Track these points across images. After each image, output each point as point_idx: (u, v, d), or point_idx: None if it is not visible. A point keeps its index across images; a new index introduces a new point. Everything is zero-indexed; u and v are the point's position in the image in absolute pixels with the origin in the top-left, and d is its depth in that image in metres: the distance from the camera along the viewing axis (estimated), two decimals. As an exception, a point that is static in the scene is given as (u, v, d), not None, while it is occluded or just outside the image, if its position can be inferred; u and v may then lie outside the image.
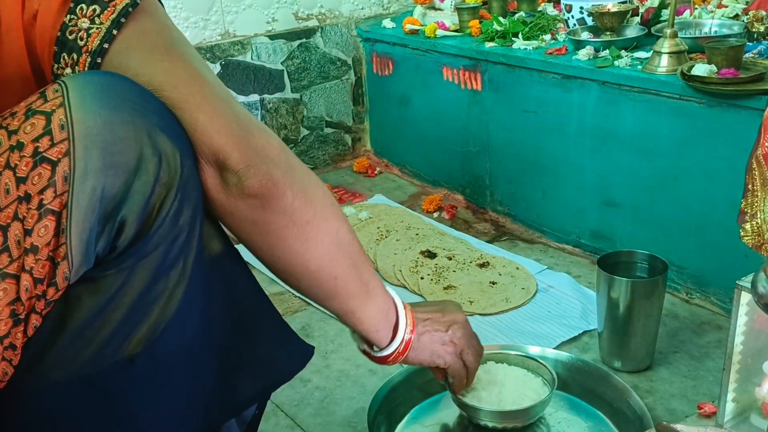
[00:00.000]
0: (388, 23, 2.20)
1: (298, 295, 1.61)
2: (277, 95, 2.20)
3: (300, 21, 2.22)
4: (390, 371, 1.33)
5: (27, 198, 0.67)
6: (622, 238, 1.61)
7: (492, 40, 1.84)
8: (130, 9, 0.75)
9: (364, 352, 0.96)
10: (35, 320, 0.70)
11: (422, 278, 1.62)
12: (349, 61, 2.32)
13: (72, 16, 0.73)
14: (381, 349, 0.94)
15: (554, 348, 1.34)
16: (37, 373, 0.71)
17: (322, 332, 1.49)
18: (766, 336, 0.97)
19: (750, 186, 0.90)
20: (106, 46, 0.74)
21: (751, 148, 1.31)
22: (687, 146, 1.42)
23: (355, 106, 2.37)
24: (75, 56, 0.74)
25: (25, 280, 0.67)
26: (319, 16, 2.25)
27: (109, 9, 0.74)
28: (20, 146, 0.67)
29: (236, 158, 0.75)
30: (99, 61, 0.74)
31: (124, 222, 0.69)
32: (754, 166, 0.92)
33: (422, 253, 1.71)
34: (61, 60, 0.74)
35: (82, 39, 0.73)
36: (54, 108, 0.68)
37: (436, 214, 1.97)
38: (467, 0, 2.07)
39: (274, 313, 0.88)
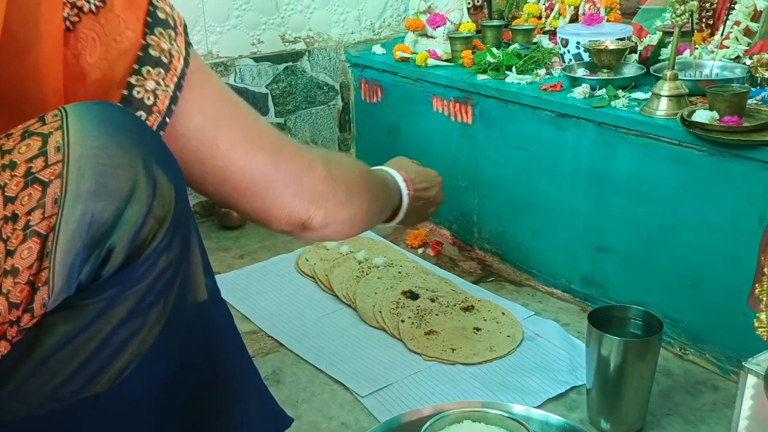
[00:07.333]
0: (378, 49, 2.12)
1: (271, 335, 1.55)
2: (261, 119, 2.12)
3: (287, 44, 2.15)
4: (364, 426, 1.26)
5: (14, 218, 0.64)
6: (614, 285, 1.53)
7: (485, 72, 1.77)
8: (186, 70, 0.77)
9: None
10: (3, 347, 0.65)
11: (403, 321, 1.54)
12: (337, 87, 2.25)
13: (138, 77, 0.74)
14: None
15: (540, 405, 1.25)
16: None
17: (294, 378, 1.40)
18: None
19: (766, 270, 0.82)
20: (173, 107, 0.76)
21: (755, 201, 1.25)
22: (685, 194, 1.35)
23: (341, 132, 2.30)
24: (144, 115, 0.74)
25: (0, 304, 0.63)
26: (307, 40, 2.18)
27: (171, 71, 0.76)
28: (12, 165, 0.65)
29: (298, 219, 0.88)
30: (167, 121, 0.76)
31: (111, 250, 0.66)
32: (770, 244, 0.84)
33: (404, 293, 1.63)
34: None
35: (149, 99, 0.75)
36: (52, 130, 0.66)
37: (420, 250, 1.89)
38: (460, 29, 2.00)
39: (254, 373, 0.84)
